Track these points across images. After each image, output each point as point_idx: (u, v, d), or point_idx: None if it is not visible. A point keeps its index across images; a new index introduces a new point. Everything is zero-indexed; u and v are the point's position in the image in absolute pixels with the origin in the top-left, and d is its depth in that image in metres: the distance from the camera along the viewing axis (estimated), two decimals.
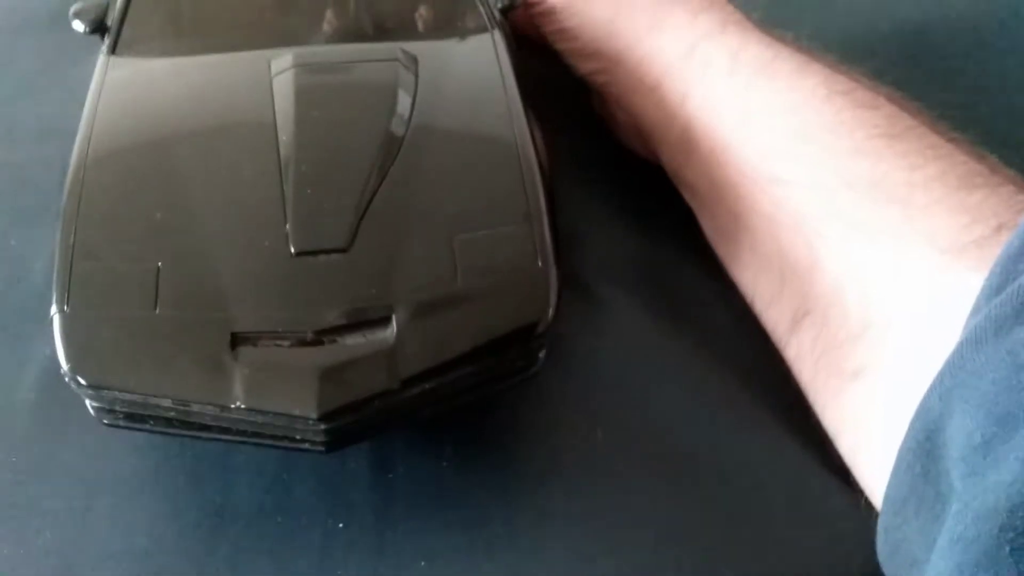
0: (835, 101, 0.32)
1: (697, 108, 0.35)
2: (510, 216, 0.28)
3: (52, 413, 0.31)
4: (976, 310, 0.24)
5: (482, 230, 0.28)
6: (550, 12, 0.38)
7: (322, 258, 0.27)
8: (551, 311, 0.27)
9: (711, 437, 0.31)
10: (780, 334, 0.33)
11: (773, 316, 0.33)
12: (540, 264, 0.27)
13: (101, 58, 0.33)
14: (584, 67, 0.39)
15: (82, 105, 0.32)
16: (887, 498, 0.25)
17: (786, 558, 0.28)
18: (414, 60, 0.32)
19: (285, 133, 0.29)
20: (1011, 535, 0.18)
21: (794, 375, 0.32)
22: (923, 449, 0.23)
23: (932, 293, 0.27)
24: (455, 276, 0.27)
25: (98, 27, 0.34)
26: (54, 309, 0.26)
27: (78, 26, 0.34)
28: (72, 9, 0.34)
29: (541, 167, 0.29)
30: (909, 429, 0.24)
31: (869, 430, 0.28)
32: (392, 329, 0.26)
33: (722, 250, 0.35)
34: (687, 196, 0.37)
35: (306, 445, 0.26)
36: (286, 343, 0.26)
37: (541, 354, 0.28)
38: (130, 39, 0.33)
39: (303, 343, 0.26)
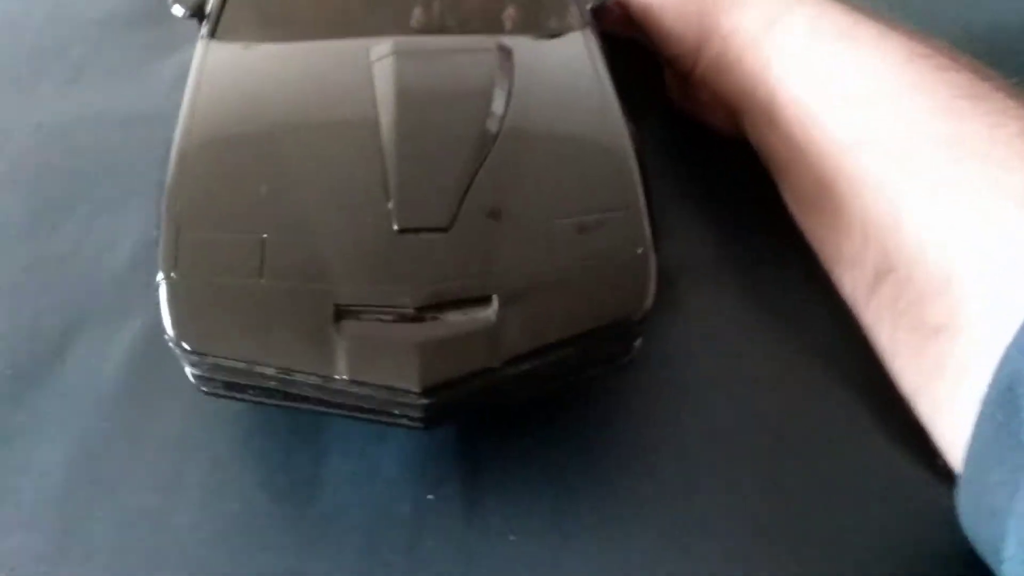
0: (916, 63, 0.32)
1: (779, 76, 0.35)
2: (610, 203, 0.28)
3: (142, 384, 0.31)
4: None
5: (583, 216, 0.28)
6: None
7: (424, 236, 0.27)
8: (650, 299, 0.27)
9: (801, 428, 0.31)
10: (860, 295, 0.33)
11: (855, 277, 0.33)
12: (640, 252, 0.27)
13: (201, 42, 0.34)
14: (672, 50, 0.40)
15: (167, 93, 0.33)
16: (970, 450, 0.26)
17: (875, 547, 0.28)
18: (509, 52, 0.33)
19: (386, 115, 0.30)
20: None
21: (872, 339, 0.32)
22: (1005, 399, 0.24)
23: (1014, 247, 0.27)
24: (556, 259, 0.27)
25: (197, 12, 0.35)
26: (160, 276, 0.26)
27: (177, 11, 0.35)
28: None
29: (638, 156, 0.30)
30: (992, 380, 0.24)
31: (951, 385, 0.28)
32: (493, 309, 0.26)
33: (804, 218, 0.36)
34: (770, 166, 0.37)
35: (404, 420, 0.26)
36: (388, 317, 0.26)
37: (637, 342, 0.28)
38: (229, 24, 0.34)
39: (405, 318, 0.26)
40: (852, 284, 0.33)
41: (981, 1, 0.48)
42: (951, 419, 0.28)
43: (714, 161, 0.40)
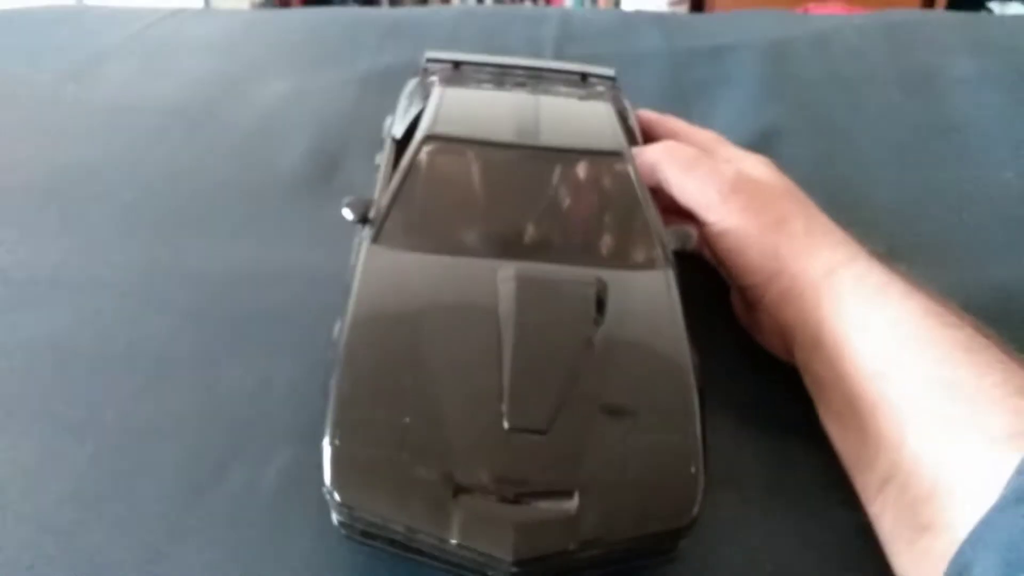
0: (930, 319, 0.41)
1: (828, 315, 0.44)
2: (672, 425, 0.36)
3: (287, 507, 0.39)
4: (1007, 484, 0.33)
5: (650, 433, 0.36)
6: (724, 233, 0.47)
7: (527, 435, 0.35)
8: (696, 510, 0.34)
9: None
10: (869, 493, 0.41)
11: (866, 479, 0.41)
12: (693, 471, 0.35)
13: (364, 244, 0.42)
14: (746, 280, 0.48)
15: (312, 254, 0.40)
16: None
17: None
18: (605, 284, 0.41)
19: (506, 330, 0.38)
20: None
21: (876, 529, 0.40)
22: None
23: (982, 471, 0.35)
24: (625, 467, 0.34)
25: (363, 218, 0.44)
26: (326, 440, 0.34)
27: (347, 215, 0.43)
28: (345, 201, 0.44)
29: (699, 387, 0.37)
30: (947, 568, 0.33)
31: (931, 573, 0.35)
32: (575, 502, 0.33)
33: (833, 429, 0.44)
34: (810, 386, 0.45)
35: None
36: (493, 498, 0.33)
37: (682, 542, 0.35)
38: (389, 233, 0.43)
39: (506, 500, 0.33)
40: (864, 484, 0.41)
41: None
42: None
43: (764, 379, 0.48)
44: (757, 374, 0.48)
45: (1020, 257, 0.56)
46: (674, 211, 0.49)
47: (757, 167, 0.50)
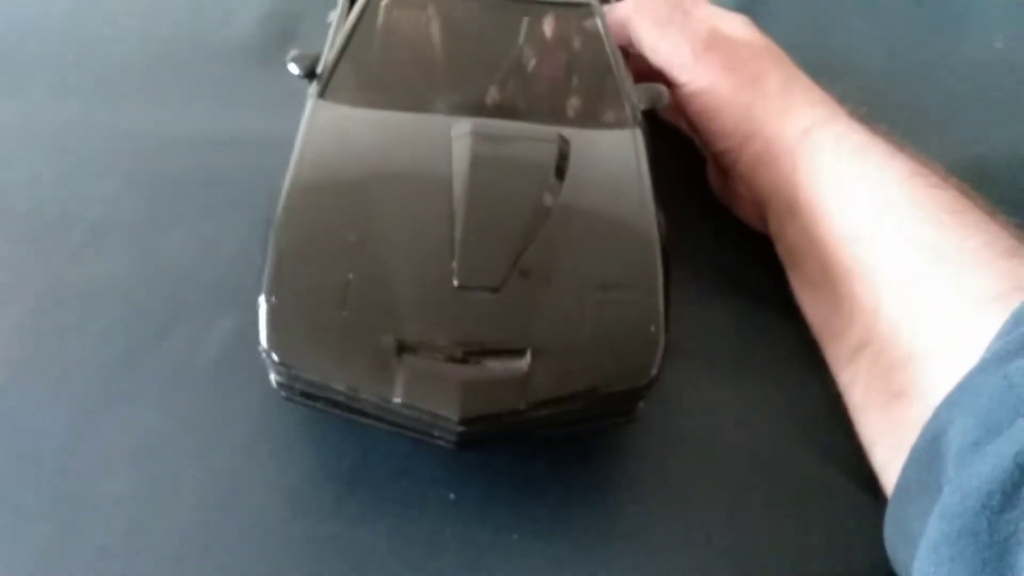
0: (913, 180, 0.39)
1: (803, 178, 0.42)
2: (633, 285, 0.34)
3: (227, 374, 0.38)
4: (989, 346, 0.31)
5: (609, 293, 0.34)
6: (696, 94, 0.45)
7: (477, 293, 0.33)
8: (655, 370, 0.32)
9: (767, 475, 0.37)
10: (840, 362, 0.39)
11: (838, 347, 0.39)
12: (653, 330, 0.33)
13: (310, 100, 0.40)
14: (719, 144, 0.45)
15: (265, 120, 0.37)
16: (897, 485, 0.33)
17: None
18: (567, 143, 0.38)
19: (459, 187, 0.35)
20: (987, 512, 0.25)
21: (845, 398, 0.39)
22: (929, 446, 0.30)
23: (963, 334, 0.33)
24: (582, 327, 0.33)
25: (309, 73, 0.41)
26: (262, 298, 0.32)
27: (293, 69, 0.41)
28: (290, 55, 0.41)
29: (663, 249, 0.35)
30: (922, 431, 0.31)
31: (901, 440, 0.34)
32: (526, 360, 0.32)
33: (804, 297, 0.42)
34: (783, 254, 0.44)
35: (441, 442, 0.32)
36: (440, 357, 0.32)
37: (640, 404, 0.34)
38: (336, 87, 0.40)
39: (453, 359, 0.32)
40: (835, 353, 0.40)
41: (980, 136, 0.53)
42: (897, 465, 0.34)
43: (737, 250, 0.46)
44: (729, 244, 0.46)
45: (1002, 130, 0.53)
46: (646, 72, 0.46)
47: (734, 25, 0.46)
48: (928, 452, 0.31)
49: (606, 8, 0.46)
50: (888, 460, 0.35)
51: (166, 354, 0.38)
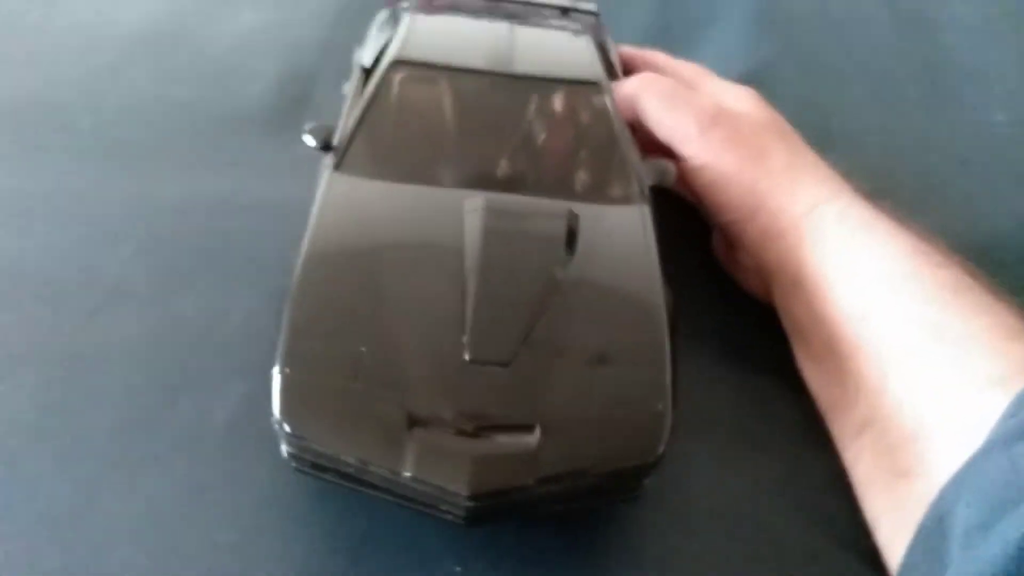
0: (916, 258, 0.39)
1: (808, 253, 0.42)
2: (640, 362, 0.34)
3: (237, 442, 0.38)
4: (994, 429, 0.31)
5: (617, 369, 0.34)
6: (702, 168, 0.46)
7: (488, 368, 0.33)
8: (662, 448, 0.33)
9: (772, 550, 0.37)
10: (845, 438, 0.39)
11: (843, 423, 0.40)
12: (660, 408, 0.33)
13: (327, 172, 0.40)
14: (724, 217, 0.46)
15: (277, 187, 0.38)
16: (903, 565, 0.33)
17: None
18: (577, 217, 0.39)
19: (470, 260, 0.36)
20: None
21: (849, 473, 0.39)
22: (935, 528, 0.31)
23: (967, 416, 0.34)
24: (590, 403, 0.33)
25: (325, 145, 0.42)
26: (276, 369, 0.33)
27: (309, 141, 0.41)
28: (306, 127, 0.42)
29: (671, 325, 0.36)
30: (927, 511, 0.32)
31: (906, 517, 0.34)
32: (535, 436, 0.32)
33: (810, 371, 0.42)
34: (788, 328, 0.44)
35: (450, 516, 0.32)
36: (450, 431, 0.32)
37: (646, 481, 0.34)
38: (352, 160, 0.41)
39: (463, 434, 0.32)
40: (840, 428, 0.40)
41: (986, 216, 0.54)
42: (902, 545, 0.34)
43: (743, 321, 0.46)
44: (735, 315, 0.47)
45: (1008, 201, 0.54)
46: (652, 147, 0.47)
47: (740, 100, 0.48)
48: (934, 533, 0.31)
49: (613, 84, 0.47)
50: (892, 537, 0.35)
51: (176, 420, 0.39)
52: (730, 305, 0.47)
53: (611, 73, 0.49)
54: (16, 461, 0.37)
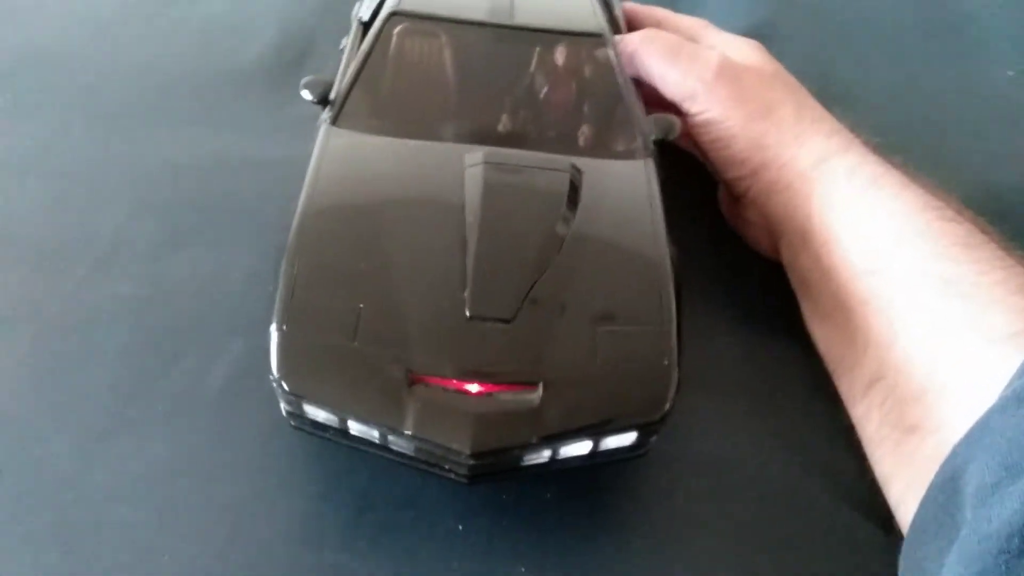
0: (927, 213, 0.38)
1: (817, 208, 0.41)
2: (646, 318, 0.34)
3: (236, 398, 0.38)
4: (1008, 385, 0.30)
5: (621, 326, 0.33)
6: (708, 123, 0.44)
7: (489, 324, 0.33)
8: (668, 405, 0.32)
9: (778, 509, 0.37)
10: (854, 395, 0.39)
11: (852, 380, 0.39)
12: (665, 363, 0.33)
13: (323, 127, 0.39)
14: (732, 172, 0.45)
15: (274, 145, 0.37)
16: (913, 523, 0.32)
17: None
18: (580, 172, 0.38)
19: (471, 216, 0.35)
20: (1006, 556, 0.24)
21: (859, 431, 0.38)
22: (947, 485, 0.30)
23: (979, 371, 0.33)
24: (594, 360, 0.32)
25: (323, 99, 0.41)
26: (274, 326, 0.32)
27: (306, 95, 0.40)
28: (303, 81, 0.41)
29: (676, 281, 0.35)
30: (940, 469, 0.31)
31: (916, 475, 0.33)
32: (538, 394, 0.31)
33: (817, 328, 0.42)
34: (796, 284, 0.43)
35: (452, 475, 0.32)
36: (452, 389, 0.31)
37: (652, 438, 0.33)
38: (349, 115, 0.40)
39: (465, 392, 0.31)
40: (849, 385, 0.39)
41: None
42: (913, 501, 0.33)
43: (748, 278, 0.46)
44: (740, 272, 0.46)
45: (1017, 159, 0.53)
46: (657, 103, 0.46)
47: (745, 52, 0.46)
48: (945, 491, 0.30)
49: (616, 39, 0.46)
50: (903, 495, 0.35)
51: (174, 380, 0.38)
52: (735, 261, 0.47)
53: (614, 27, 0.48)
54: (13, 421, 0.36)
